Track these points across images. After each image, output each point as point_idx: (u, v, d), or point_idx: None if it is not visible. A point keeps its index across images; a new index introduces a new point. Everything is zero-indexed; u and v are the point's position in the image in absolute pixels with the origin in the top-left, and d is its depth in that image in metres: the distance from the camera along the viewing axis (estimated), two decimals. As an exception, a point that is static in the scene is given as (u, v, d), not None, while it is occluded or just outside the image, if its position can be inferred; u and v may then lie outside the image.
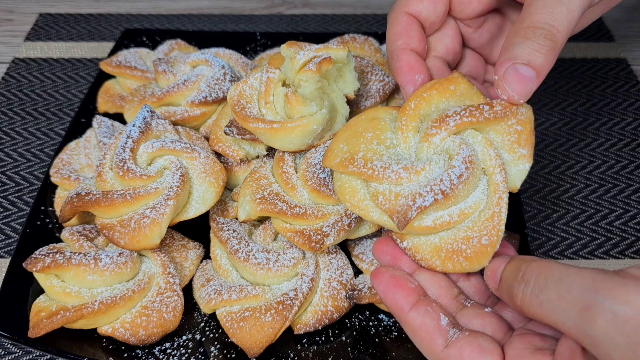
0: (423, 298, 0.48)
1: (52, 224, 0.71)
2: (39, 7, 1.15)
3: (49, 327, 0.58)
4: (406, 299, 0.47)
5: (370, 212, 0.50)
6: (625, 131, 0.90)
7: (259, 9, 1.16)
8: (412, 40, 0.55)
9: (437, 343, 0.45)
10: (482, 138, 0.49)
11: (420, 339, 0.46)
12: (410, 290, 0.48)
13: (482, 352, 0.44)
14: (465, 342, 0.45)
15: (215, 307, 0.62)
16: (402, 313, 0.47)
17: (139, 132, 0.66)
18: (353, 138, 0.52)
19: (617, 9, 1.14)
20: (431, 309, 0.47)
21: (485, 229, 0.48)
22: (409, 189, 0.48)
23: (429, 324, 0.46)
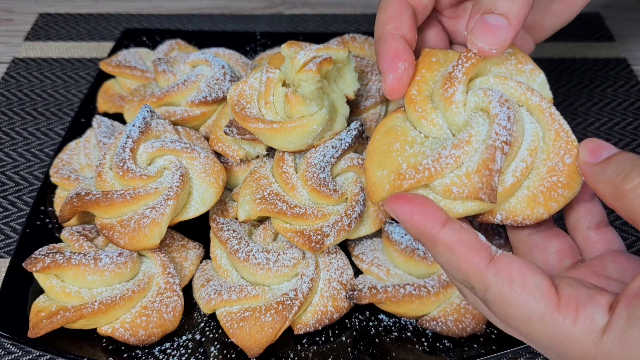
0: (452, 218, 0.42)
1: (51, 224, 0.71)
2: (39, 7, 1.14)
3: (48, 327, 0.58)
4: (435, 216, 0.41)
5: (452, 210, 0.46)
6: (626, 131, 0.90)
7: (258, 9, 1.16)
8: (403, 26, 0.52)
9: (480, 258, 0.40)
10: (494, 77, 0.48)
11: (457, 256, 0.40)
12: (436, 209, 0.42)
13: (533, 271, 0.39)
14: (513, 259, 0.40)
15: (215, 307, 0.62)
16: (434, 231, 0.41)
17: (138, 132, 0.66)
18: (385, 159, 0.48)
19: (618, 9, 1.14)
20: (467, 226, 0.41)
21: (560, 148, 0.46)
22: (474, 162, 0.44)
23: (468, 238, 0.40)
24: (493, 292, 0.40)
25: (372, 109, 0.74)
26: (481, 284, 0.40)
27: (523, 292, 0.39)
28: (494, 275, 0.39)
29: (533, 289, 0.39)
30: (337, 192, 0.63)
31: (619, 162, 0.40)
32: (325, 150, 0.64)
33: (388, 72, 0.49)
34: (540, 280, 0.39)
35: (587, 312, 0.37)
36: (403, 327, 0.63)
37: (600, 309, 0.37)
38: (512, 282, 0.39)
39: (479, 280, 0.40)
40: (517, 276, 0.39)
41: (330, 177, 0.64)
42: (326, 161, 0.63)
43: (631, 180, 0.38)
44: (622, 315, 0.36)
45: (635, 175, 0.38)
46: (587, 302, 0.38)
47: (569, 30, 1.09)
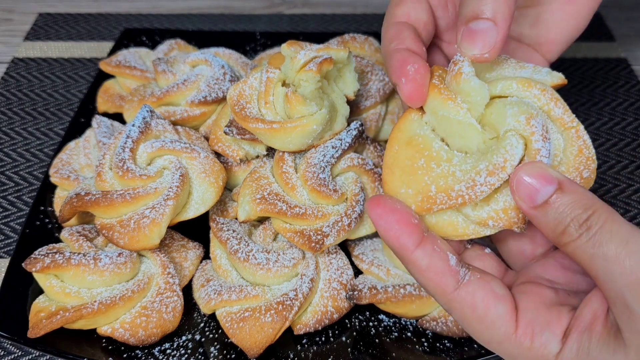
0: (427, 235, 0.44)
1: (51, 224, 0.71)
2: (39, 7, 1.14)
3: (48, 328, 0.58)
4: (410, 236, 0.43)
5: (482, 232, 0.46)
6: (626, 131, 0.90)
7: (258, 9, 1.16)
8: (406, 41, 0.51)
9: (448, 284, 0.42)
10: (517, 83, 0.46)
11: (428, 279, 0.43)
12: (413, 227, 0.43)
13: (495, 298, 0.42)
14: (477, 286, 0.42)
15: (215, 308, 0.62)
16: (407, 253, 0.43)
17: (138, 132, 0.66)
18: (409, 176, 0.46)
19: (618, 9, 1.14)
20: (438, 248, 0.43)
21: (580, 164, 0.45)
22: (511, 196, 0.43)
23: (438, 265, 0.42)
24: (457, 315, 0.44)
25: (372, 109, 0.74)
26: (446, 306, 0.44)
27: (484, 321, 0.42)
28: (458, 302, 0.43)
29: (494, 318, 0.42)
30: (337, 192, 0.62)
31: (557, 211, 0.39)
32: (325, 150, 0.64)
33: (400, 78, 0.48)
34: (501, 308, 0.42)
35: (541, 339, 0.41)
36: (403, 327, 0.63)
37: (554, 338, 0.41)
38: (475, 310, 0.42)
39: (444, 303, 0.44)
40: (480, 305, 0.42)
41: (330, 177, 0.64)
42: (326, 161, 0.63)
43: (570, 235, 0.39)
44: (572, 347, 0.40)
45: (573, 230, 0.39)
46: (543, 329, 0.41)
47: (569, 30, 1.08)
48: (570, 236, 0.39)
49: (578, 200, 0.39)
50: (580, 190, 0.40)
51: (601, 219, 0.38)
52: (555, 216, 0.39)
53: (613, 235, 0.37)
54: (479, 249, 0.49)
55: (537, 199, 0.40)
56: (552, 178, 0.40)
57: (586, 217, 0.38)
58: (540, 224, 0.41)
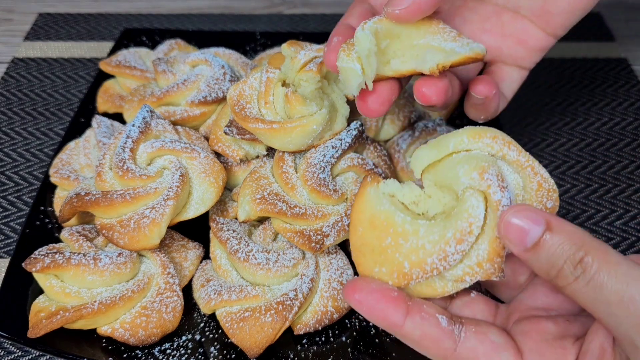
0: (411, 303, 0.44)
1: (51, 224, 0.71)
2: (39, 7, 1.14)
3: (48, 328, 0.58)
4: (397, 311, 0.43)
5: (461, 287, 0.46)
6: (626, 131, 0.90)
7: (258, 9, 1.16)
8: (351, 18, 0.56)
9: (446, 347, 0.42)
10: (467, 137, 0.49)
11: (426, 348, 0.43)
12: (396, 300, 0.43)
13: (497, 350, 0.42)
14: (476, 341, 0.42)
15: (215, 308, 0.62)
16: (398, 329, 0.43)
17: (138, 132, 0.66)
18: (379, 256, 0.45)
19: (618, 9, 1.14)
20: (426, 314, 0.43)
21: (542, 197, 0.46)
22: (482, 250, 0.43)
23: (430, 331, 0.42)
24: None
25: (372, 109, 0.74)
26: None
27: None
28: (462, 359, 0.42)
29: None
30: (337, 192, 0.62)
31: (548, 253, 0.39)
32: (325, 150, 0.64)
33: (325, 48, 0.54)
34: (505, 358, 0.42)
35: None
36: (403, 327, 0.63)
37: None
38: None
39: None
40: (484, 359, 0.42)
41: (330, 177, 0.64)
42: (326, 161, 0.63)
43: (565, 278, 0.38)
44: None
45: (568, 273, 0.38)
46: None
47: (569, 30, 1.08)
48: (567, 279, 0.38)
49: (569, 240, 0.38)
50: (568, 227, 0.39)
51: (596, 260, 0.37)
52: (547, 258, 0.39)
53: (611, 277, 0.36)
54: (465, 294, 0.48)
55: (527, 241, 0.39)
56: (539, 219, 0.39)
57: (580, 257, 0.37)
58: (534, 266, 0.40)
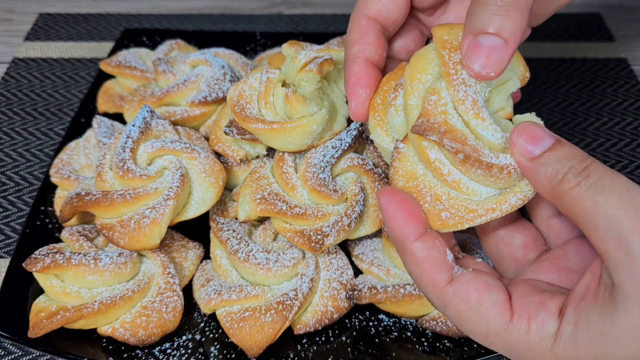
0: (430, 231, 0.44)
1: (51, 224, 0.71)
2: (39, 7, 1.14)
3: (48, 327, 0.58)
4: (414, 227, 0.43)
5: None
6: (626, 131, 0.90)
7: (258, 9, 1.16)
8: (368, 48, 0.51)
9: (442, 277, 0.42)
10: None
11: (422, 271, 0.43)
12: (419, 220, 0.43)
13: (489, 288, 0.42)
14: (471, 278, 0.42)
15: (215, 308, 0.62)
16: (406, 241, 0.43)
17: (138, 132, 0.66)
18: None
19: (618, 9, 1.14)
20: (439, 243, 0.43)
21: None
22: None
23: (436, 257, 0.43)
24: (451, 310, 0.43)
25: (372, 109, 0.74)
26: (440, 301, 0.43)
27: (478, 311, 0.41)
28: (452, 295, 0.42)
29: (488, 307, 0.41)
30: (337, 192, 0.63)
31: (555, 160, 0.40)
32: (325, 151, 0.64)
33: (351, 100, 0.51)
34: (495, 296, 0.42)
35: (537, 320, 0.40)
36: (403, 327, 0.63)
37: (550, 316, 0.40)
38: (468, 301, 0.42)
39: (437, 298, 0.43)
40: (474, 295, 0.42)
41: (330, 177, 0.64)
42: (326, 161, 0.63)
43: (568, 182, 0.39)
44: (570, 321, 0.39)
45: (571, 177, 0.39)
46: (538, 310, 0.41)
47: (569, 30, 1.09)
48: (569, 183, 0.38)
49: (575, 153, 0.40)
50: (576, 147, 0.41)
51: (599, 170, 0.38)
52: (553, 166, 0.39)
53: (615, 183, 0.37)
54: (471, 258, 0.48)
55: (535, 150, 0.40)
56: (550, 135, 0.41)
57: (584, 166, 0.38)
58: (538, 175, 0.41)
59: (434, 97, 0.43)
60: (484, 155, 0.42)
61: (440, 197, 0.45)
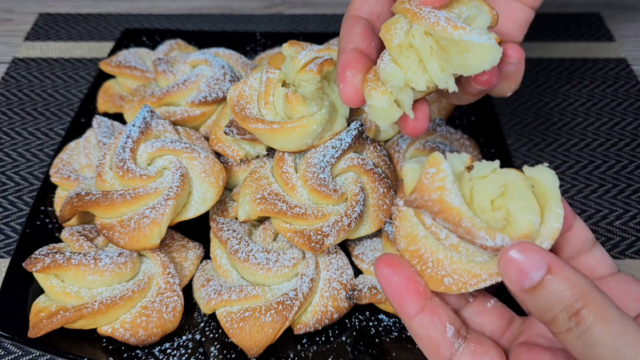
0: (429, 302, 0.44)
1: (51, 224, 0.71)
2: (39, 7, 1.14)
3: (48, 327, 0.58)
4: (413, 304, 0.44)
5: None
6: (626, 131, 0.90)
7: (258, 9, 1.16)
8: (354, 38, 0.53)
9: (441, 355, 0.44)
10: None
11: (424, 346, 0.45)
12: (418, 294, 0.44)
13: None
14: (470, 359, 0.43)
15: (215, 308, 0.62)
16: (407, 319, 0.44)
17: (138, 132, 0.66)
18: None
19: (618, 9, 1.14)
20: (437, 319, 0.44)
21: None
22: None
23: (434, 336, 0.44)
24: None
25: (372, 109, 0.74)
26: None
27: None
28: None
29: None
30: (337, 192, 0.63)
31: (546, 298, 0.38)
32: (325, 151, 0.64)
33: (339, 84, 0.51)
34: None
35: None
36: (403, 327, 0.63)
37: None
38: None
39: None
40: None
41: (330, 177, 0.64)
42: (326, 161, 0.63)
43: (558, 326, 0.38)
44: None
45: (561, 322, 0.37)
46: None
47: (569, 30, 1.09)
48: (559, 328, 0.37)
49: (569, 288, 0.37)
50: (570, 274, 0.38)
51: (592, 314, 0.36)
52: (544, 302, 0.38)
53: (603, 336, 0.36)
54: (483, 302, 0.48)
55: (526, 283, 0.38)
56: (541, 262, 0.38)
57: (577, 309, 0.37)
58: (530, 307, 0.40)
59: (432, 170, 0.41)
60: (478, 238, 0.40)
61: (443, 261, 0.44)
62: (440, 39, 0.45)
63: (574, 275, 0.37)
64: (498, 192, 0.42)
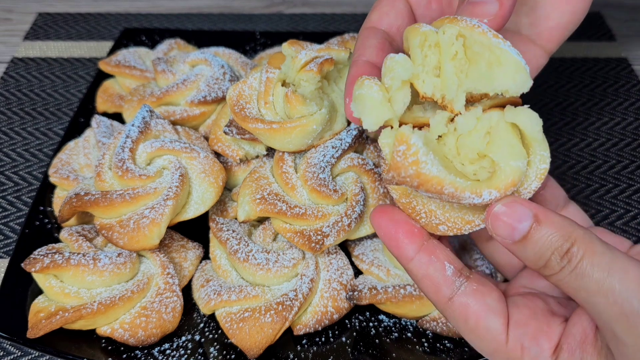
0: (427, 243, 0.45)
1: (51, 224, 0.71)
2: (38, 7, 1.14)
3: (47, 328, 0.58)
4: (410, 245, 0.44)
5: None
6: (627, 131, 0.90)
7: (258, 8, 1.16)
8: (368, 51, 0.51)
9: (443, 294, 0.44)
10: None
11: (425, 287, 0.45)
12: (413, 235, 0.44)
13: (487, 311, 0.43)
14: (471, 298, 0.43)
15: (214, 308, 0.62)
16: (406, 261, 0.44)
17: (138, 131, 0.65)
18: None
19: (618, 9, 1.14)
20: (435, 258, 0.44)
21: None
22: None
23: (433, 275, 0.44)
24: (452, 323, 0.45)
25: (372, 109, 0.74)
26: (442, 314, 0.46)
27: (475, 332, 0.44)
28: (452, 312, 0.44)
29: (485, 331, 0.43)
30: (337, 193, 0.62)
31: (537, 244, 0.39)
32: (325, 151, 0.64)
33: (346, 97, 0.49)
34: (492, 322, 0.43)
35: (531, 354, 0.42)
36: (403, 327, 0.63)
37: (542, 353, 0.42)
38: (467, 321, 0.44)
39: (440, 311, 0.46)
40: (472, 318, 0.43)
41: (331, 177, 0.63)
42: (326, 161, 0.63)
43: (552, 269, 0.39)
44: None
45: (554, 263, 0.39)
46: (532, 343, 0.42)
47: (570, 30, 1.08)
48: (553, 269, 0.39)
49: (556, 232, 0.39)
50: (556, 218, 0.40)
51: (581, 250, 0.38)
52: (535, 250, 0.39)
53: (594, 266, 0.37)
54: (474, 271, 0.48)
55: (515, 235, 0.40)
56: (527, 213, 0.39)
57: (567, 248, 0.38)
58: (522, 257, 0.41)
59: (402, 147, 0.39)
60: (465, 199, 0.40)
61: (435, 212, 0.44)
62: (475, 44, 0.41)
63: (560, 219, 0.39)
64: (484, 143, 0.41)
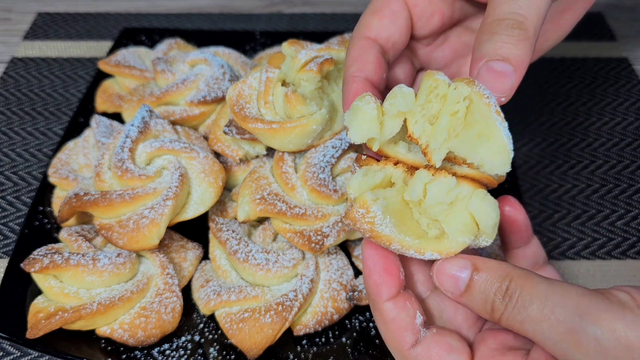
0: (403, 292, 0.45)
1: (50, 224, 0.71)
2: (37, 6, 1.14)
3: (47, 328, 0.58)
4: (390, 288, 0.45)
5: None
6: (627, 131, 0.90)
7: (258, 8, 1.16)
8: (367, 67, 0.50)
9: (406, 340, 0.44)
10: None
11: (390, 332, 0.45)
12: (396, 280, 0.45)
13: (450, 351, 0.44)
14: (433, 341, 0.44)
15: (214, 308, 0.61)
16: (379, 300, 0.45)
17: (137, 131, 0.65)
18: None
19: (619, 9, 1.13)
20: (410, 305, 0.45)
21: None
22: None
23: (404, 319, 0.44)
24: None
25: (372, 109, 0.74)
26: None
27: None
28: (414, 358, 0.44)
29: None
30: (337, 193, 0.62)
31: (479, 291, 0.42)
32: (325, 150, 0.63)
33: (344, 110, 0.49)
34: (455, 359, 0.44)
35: None
36: (403, 328, 0.63)
37: None
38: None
39: (400, 358, 0.46)
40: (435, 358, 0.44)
41: (330, 178, 0.63)
42: (326, 161, 0.63)
43: (498, 310, 0.41)
44: None
45: (499, 304, 0.41)
46: None
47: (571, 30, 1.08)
48: (499, 310, 0.41)
49: (493, 274, 0.41)
50: (493, 264, 0.42)
51: (519, 285, 0.40)
52: (480, 296, 0.42)
53: (533, 296, 0.39)
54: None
55: (460, 285, 0.42)
56: (466, 263, 0.42)
57: (506, 286, 0.40)
58: (472, 307, 0.43)
59: (361, 210, 0.43)
60: (408, 254, 0.44)
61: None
62: (477, 112, 0.42)
63: (496, 264, 0.42)
64: (443, 213, 0.44)
